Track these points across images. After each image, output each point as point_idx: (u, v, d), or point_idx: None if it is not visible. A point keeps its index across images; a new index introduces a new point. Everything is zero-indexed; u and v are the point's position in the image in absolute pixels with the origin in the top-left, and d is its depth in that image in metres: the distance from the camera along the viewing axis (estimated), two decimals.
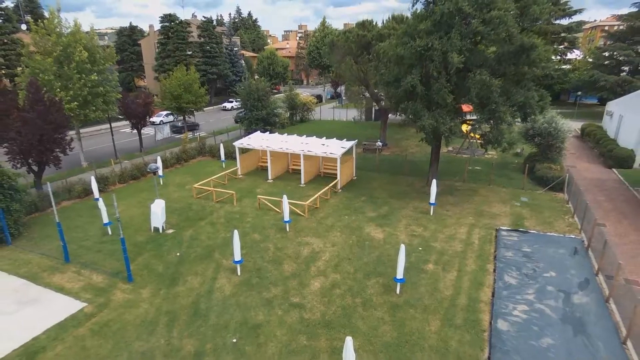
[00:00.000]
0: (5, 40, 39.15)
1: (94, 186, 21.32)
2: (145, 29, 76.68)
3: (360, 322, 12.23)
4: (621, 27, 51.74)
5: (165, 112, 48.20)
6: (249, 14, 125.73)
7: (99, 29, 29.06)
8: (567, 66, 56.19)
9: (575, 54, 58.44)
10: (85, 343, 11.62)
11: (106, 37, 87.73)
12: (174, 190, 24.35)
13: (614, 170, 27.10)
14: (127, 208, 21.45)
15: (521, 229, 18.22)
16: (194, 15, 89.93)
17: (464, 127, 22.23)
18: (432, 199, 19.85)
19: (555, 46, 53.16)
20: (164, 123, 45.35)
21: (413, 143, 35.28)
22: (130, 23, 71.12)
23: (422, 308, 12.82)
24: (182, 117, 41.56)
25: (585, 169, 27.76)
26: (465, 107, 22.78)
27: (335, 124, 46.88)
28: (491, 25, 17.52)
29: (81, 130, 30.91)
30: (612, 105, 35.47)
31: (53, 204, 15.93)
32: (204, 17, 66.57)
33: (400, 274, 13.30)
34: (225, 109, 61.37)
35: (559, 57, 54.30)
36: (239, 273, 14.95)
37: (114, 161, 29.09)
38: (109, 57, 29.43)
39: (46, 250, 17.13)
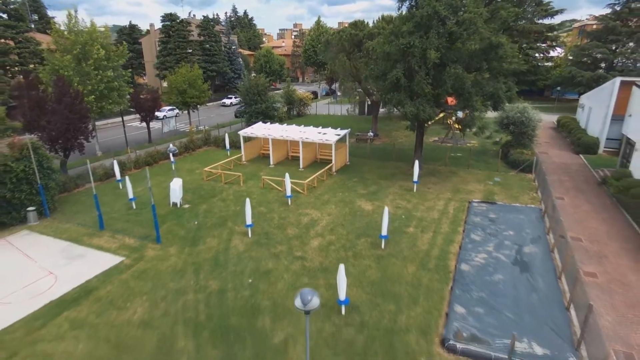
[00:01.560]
0: (20, 39, 41.50)
1: (116, 169, 23.96)
2: (140, 27, 78.81)
3: (351, 267, 15.06)
4: (599, 26, 54.89)
5: (168, 107, 50.76)
6: (245, 12, 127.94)
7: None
8: (550, 63, 59.42)
9: (557, 52, 61.62)
10: (129, 284, 14.37)
11: None
12: (185, 175, 27.01)
13: (581, 155, 30.19)
14: (146, 189, 24.07)
15: (490, 201, 21.18)
16: (192, 15, 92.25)
17: (449, 120, 25.14)
18: (415, 178, 22.72)
19: (538, 44, 56.48)
20: (167, 117, 47.90)
21: (402, 134, 38.24)
22: (130, 22, 73.50)
23: (402, 258, 15.71)
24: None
25: (556, 155, 30.82)
26: (451, 101, 25.64)
27: (330, 118, 49.66)
28: (464, 26, 20.43)
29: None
30: (583, 99, 38.59)
31: (91, 179, 18.67)
32: (203, 17, 69.02)
33: (384, 231, 16.16)
34: (224, 105, 63.92)
35: (541, 55, 57.60)
36: (249, 235, 17.75)
37: (130, 150, 31.68)
38: (122, 55, 31.96)
39: (80, 221, 19.82)
